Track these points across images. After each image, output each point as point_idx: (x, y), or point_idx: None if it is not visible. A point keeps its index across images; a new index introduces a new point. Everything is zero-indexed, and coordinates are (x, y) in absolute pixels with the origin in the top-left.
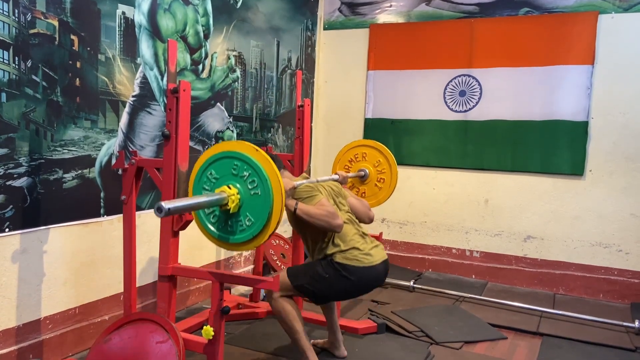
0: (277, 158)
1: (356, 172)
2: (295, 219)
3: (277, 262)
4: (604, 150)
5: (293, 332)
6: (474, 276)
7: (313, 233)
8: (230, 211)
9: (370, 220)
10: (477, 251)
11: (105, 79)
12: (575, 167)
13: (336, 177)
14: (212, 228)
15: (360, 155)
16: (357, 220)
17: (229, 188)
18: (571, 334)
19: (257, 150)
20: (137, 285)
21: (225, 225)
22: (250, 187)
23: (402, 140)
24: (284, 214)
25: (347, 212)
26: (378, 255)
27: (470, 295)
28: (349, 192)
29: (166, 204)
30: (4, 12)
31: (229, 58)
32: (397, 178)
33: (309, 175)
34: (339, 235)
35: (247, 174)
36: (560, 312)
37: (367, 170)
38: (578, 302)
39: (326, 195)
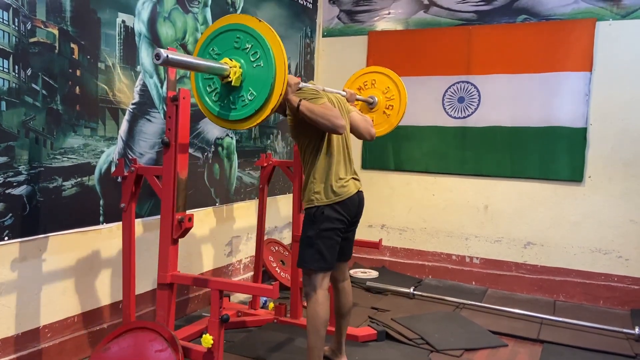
0: None
1: (365, 97)
2: (295, 121)
3: (277, 269)
4: (603, 156)
5: (317, 338)
6: (474, 283)
7: (311, 140)
8: (232, 83)
9: (370, 137)
10: (477, 257)
11: (105, 87)
12: (574, 173)
13: (344, 93)
14: (214, 107)
15: (370, 83)
16: (349, 146)
17: (231, 61)
18: (572, 341)
19: (260, 21)
20: (136, 293)
21: (227, 102)
22: (252, 59)
23: (401, 146)
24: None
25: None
26: (353, 187)
27: (470, 302)
28: (352, 108)
29: (165, 52)
30: (4, 21)
31: None
32: (406, 103)
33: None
34: (331, 153)
35: (250, 46)
36: (561, 318)
37: (376, 98)
38: (578, 309)
39: (330, 101)
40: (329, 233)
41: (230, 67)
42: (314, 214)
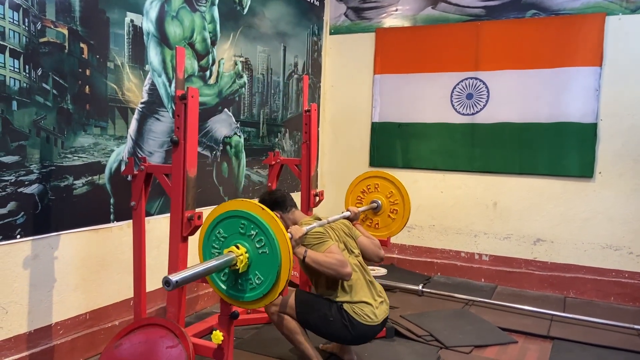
0: (287, 197)
1: (368, 204)
2: (304, 265)
3: None
4: (613, 152)
5: (297, 343)
6: (483, 280)
7: (322, 278)
8: (240, 271)
9: (380, 260)
10: (486, 254)
11: (114, 86)
12: (584, 169)
13: (348, 214)
14: (222, 286)
15: (373, 187)
16: (366, 268)
17: (237, 248)
18: (582, 338)
19: (262, 209)
20: (147, 290)
21: (235, 283)
22: (258, 245)
23: (409, 143)
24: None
25: (357, 256)
26: (381, 314)
27: (479, 299)
28: (360, 230)
29: (174, 277)
30: (15, 22)
31: (236, 64)
32: (410, 209)
33: (315, 211)
34: (348, 283)
35: (255, 233)
36: (571, 315)
37: (379, 202)
38: (589, 305)
39: (336, 239)
40: (329, 330)
41: (237, 256)
42: (339, 307)
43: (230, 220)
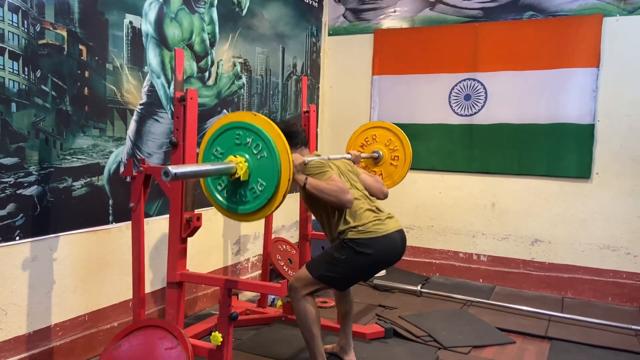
0: (301, 134)
1: (369, 153)
2: (306, 195)
3: (284, 267)
4: (611, 153)
5: (310, 336)
6: (481, 280)
7: (325, 209)
8: (241, 179)
9: (384, 196)
10: (484, 255)
11: (113, 88)
12: (582, 169)
13: (349, 156)
14: (226, 202)
15: (371, 138)
16: (370, 196)
17: (235, 157)
18: (580, 338)
19: (255, 115)
20: (146, 291)
21: (238, 196)
22: (255, 152)
23: None
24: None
25: (359, 189)
26: (392, 224)
27: (478, 300)
28: (361, 170)
29: (173, 169)
30: (14, 24)
31: (234, 65)
32: (411, 153)
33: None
34: (350, 211)
35: (250, 140)
36: (569, 315)
37: (380, 152)
38: (587, 306)
39: (337, 171)
40: (350, 269)
41: (237, 164)
42: (342, 241)
43: (225, 134)
